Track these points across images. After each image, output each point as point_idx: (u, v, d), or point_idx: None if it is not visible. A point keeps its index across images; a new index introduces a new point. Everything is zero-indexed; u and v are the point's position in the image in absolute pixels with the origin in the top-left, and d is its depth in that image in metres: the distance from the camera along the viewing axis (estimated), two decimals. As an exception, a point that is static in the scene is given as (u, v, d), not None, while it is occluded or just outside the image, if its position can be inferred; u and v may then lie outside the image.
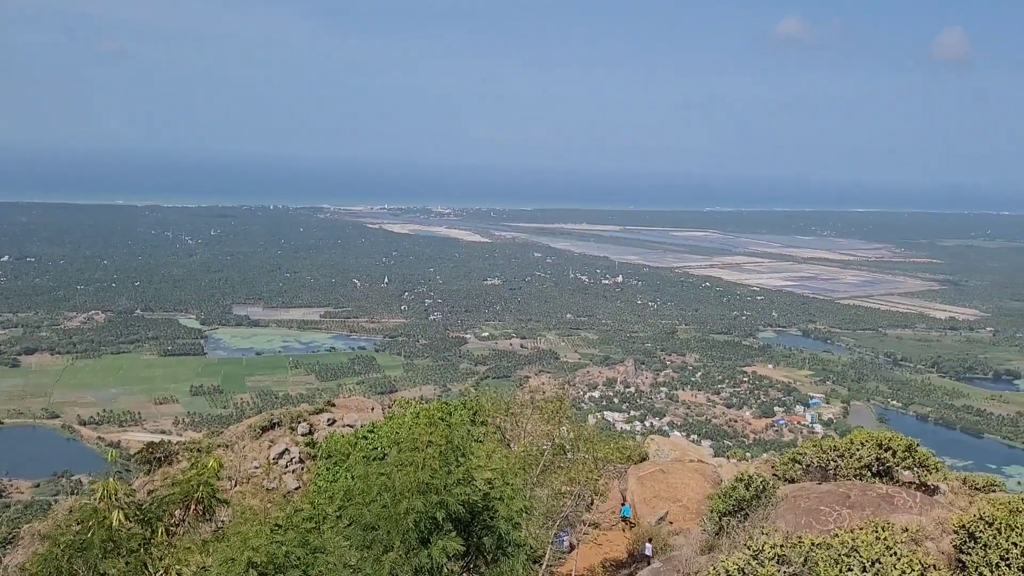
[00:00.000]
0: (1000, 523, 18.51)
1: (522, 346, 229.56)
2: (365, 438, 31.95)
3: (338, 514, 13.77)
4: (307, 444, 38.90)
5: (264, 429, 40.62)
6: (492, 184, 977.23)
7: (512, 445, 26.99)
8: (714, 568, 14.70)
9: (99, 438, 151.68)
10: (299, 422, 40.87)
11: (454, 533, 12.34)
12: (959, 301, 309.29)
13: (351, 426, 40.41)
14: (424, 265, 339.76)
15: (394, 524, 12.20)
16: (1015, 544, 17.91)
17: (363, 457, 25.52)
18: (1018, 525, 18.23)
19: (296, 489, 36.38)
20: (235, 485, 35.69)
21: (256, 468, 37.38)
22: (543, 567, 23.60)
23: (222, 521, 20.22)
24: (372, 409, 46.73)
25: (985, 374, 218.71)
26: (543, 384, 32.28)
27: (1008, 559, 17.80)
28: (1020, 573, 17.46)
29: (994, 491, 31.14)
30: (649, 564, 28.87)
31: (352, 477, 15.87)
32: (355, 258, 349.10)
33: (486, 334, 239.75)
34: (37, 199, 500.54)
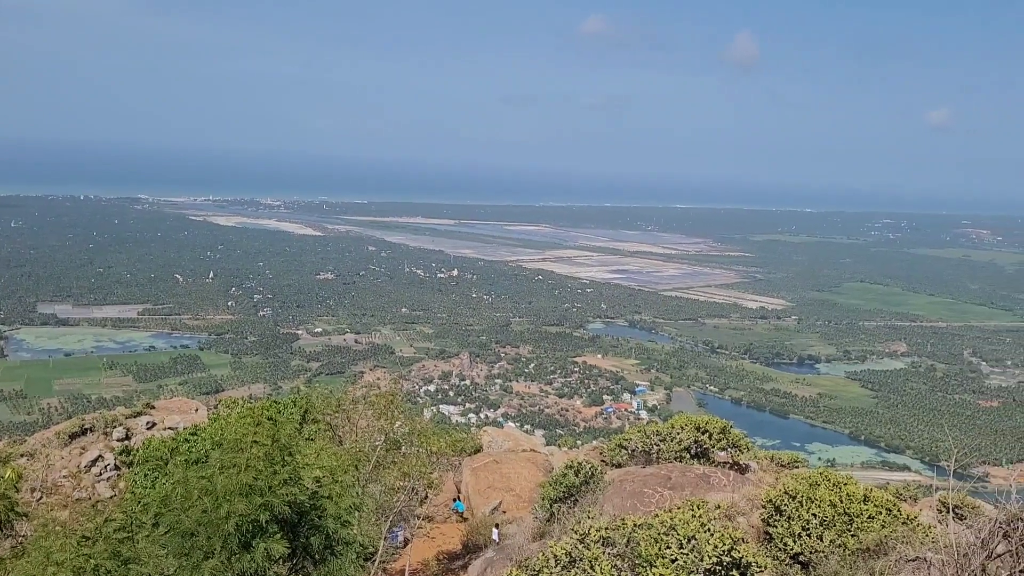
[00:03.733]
0: (802, 496, 20.12)
1: (356, 341, 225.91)
2: (187, 441, 30.30)
3: (154, 522, 12.99)
4: (123, 450, 36.53)
5: (74, 435, 37.78)
6: (325, 176, 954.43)
7: (344, 442, 26.48)
8: (543, 554, 15.04)
9: None
10: (114, 426, 38.32)
11: (279, 535, 11.94)
12: (768, 292, 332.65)
13: (173, 429, 38.33)
14: (253, 259, 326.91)
15: (215, 529, 11.64)
16: (814, 515, 19.50)
17: (184, 461, 24.23)
18: (817, 498, 19.88)
19: (111, 498, 34.09)
20: (40, 497, 33.00)
21: (64, 477, 34.72)
22: (376, 564, 23.33)
23: (23, 536, 18.63)
24: (196, 410, 44.52)
25: (790, 359, 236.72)
26: (378, 379, 31.85)
27: (808, 529, 19.37)
28: (819, 541, 19.05)
29: (797, 467, 33.79)
30: (497, 546, 29.32)
31: (171, 482, 15.03)
32: (177, 252, 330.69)
33: (319, 330, 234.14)
34: None
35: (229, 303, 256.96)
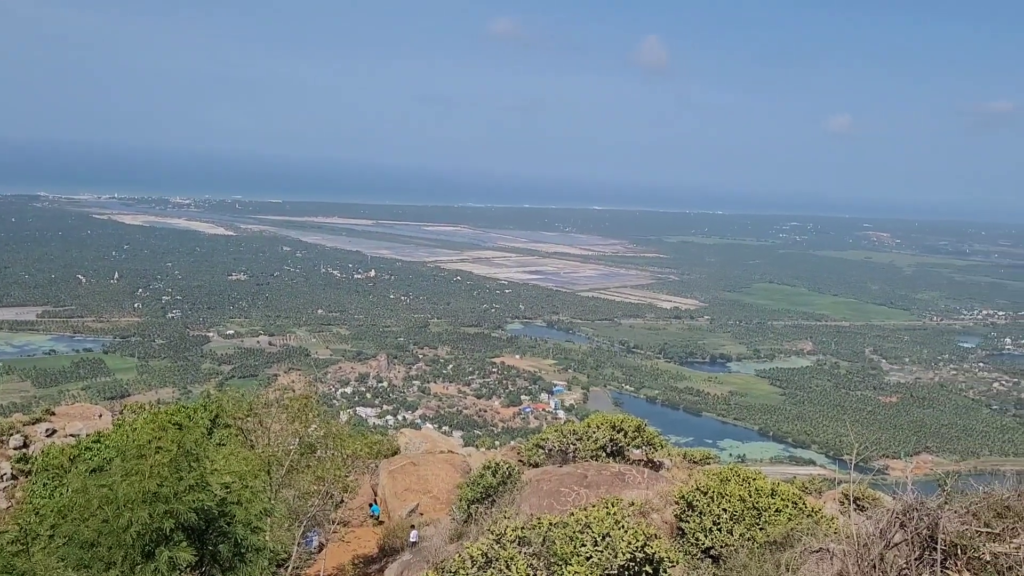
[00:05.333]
0: (713, 492, 20.60)
1: (270, 343, 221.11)
2: (90, 448, 29.06)
3: (51, 533, 12.40)
4: (20, 459, 34.86)
5: (-34, 444, 35.86)
6: (237, 174, 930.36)
7: (256, 447, 25.87)
8: (459, 555, 15.00)
9: None
10: (11, 434, 36.55)
11: (185, 543, 11.54)
12: (682, 292, 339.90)
13: (74, 436, 36.79)
14: (161, 259, 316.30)
15: (116, 539, 11.17)
16: (724, 510, 20.00)
17: (86, 469, 23.26)
18: (728, 493, 20.39)
19: (7, 509, 32.52)
20: (-73, 511, 31.18)
21: (-46, 489, 32.90)
22: (288, 570, 22.86)
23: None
24: (100, 416, 42.86)
25: (703, 358, 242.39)
26: (292, 382, 31.22)
27: (719, 523, 19.85)
28: (729, 535, 19.55)
29: (709, 464, 34.60)
30: (412, 549, 29.09)
31: (71, 491, 14.40)
32: (79, 252, 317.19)
33: (231, 332, 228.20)
34: None
35: (135, 304, 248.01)
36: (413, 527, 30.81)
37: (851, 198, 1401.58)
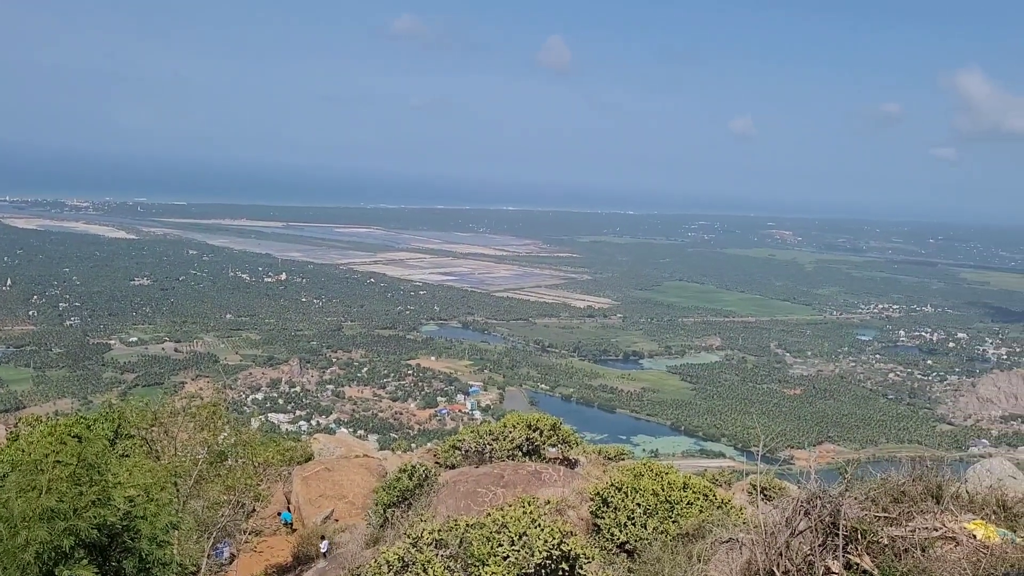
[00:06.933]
0: (627, 487, 20.94)
1: (176, 350, 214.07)
2: (-19, 464, 27.57)
3: (-60, 556, 11.70)
4: (-97, 478, 32.77)
5: None
6: (137, 175, 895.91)
7: (162, 458, 25.01)
8: (376, 560, 14.85)
9: None
10: None
11: (86, 561, 11.06)
12: (595, 291, 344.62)
13: (-37, 452, 34.84)
14: (57, 265, 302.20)
15: (11, 559, 10.62)
16: (639, 504, 20.36)
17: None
18: (641, 488, 20.77)
19: None
20: None
21: None
22: (199, 584, 22.21)
23: None
24: (-8, 430, 40.77)
25: (616, 356, 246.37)
26: (200, 389, 30.33)
27: (633, 518, 20.20)
28: (643, 529, 19.92)
29: (623, 459, 35.17)
30: (325, 559, 28.60)
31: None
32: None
33: (134, 339, 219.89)
34: None
35: (30, 312, 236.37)
36: (323, 537, 30.29)
37: (755, 197, 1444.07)
